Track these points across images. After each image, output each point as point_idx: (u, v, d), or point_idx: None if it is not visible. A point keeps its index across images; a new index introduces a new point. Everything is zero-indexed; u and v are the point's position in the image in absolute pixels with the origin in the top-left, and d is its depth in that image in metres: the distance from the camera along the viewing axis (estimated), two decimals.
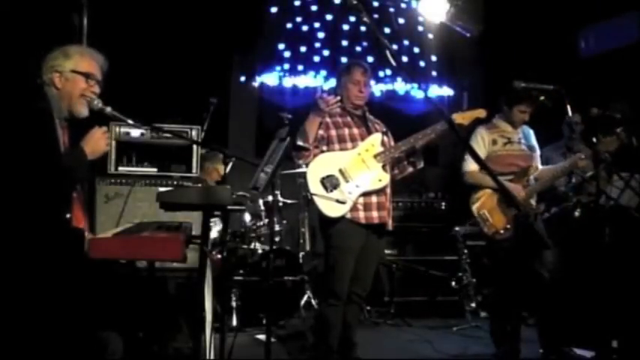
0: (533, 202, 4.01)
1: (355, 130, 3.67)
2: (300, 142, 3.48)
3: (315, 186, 3.51)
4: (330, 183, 3.50)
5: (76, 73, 2.57)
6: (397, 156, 3.67)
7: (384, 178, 3.60)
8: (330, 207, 3.47)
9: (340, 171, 3.53)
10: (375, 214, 3.58)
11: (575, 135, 4.92)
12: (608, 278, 4.10)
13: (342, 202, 3.42)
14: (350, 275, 3.57)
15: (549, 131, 4.21)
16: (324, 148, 3.62)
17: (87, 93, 2.58)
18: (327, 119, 3.62)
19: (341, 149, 3.61)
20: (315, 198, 3.49)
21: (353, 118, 3.72)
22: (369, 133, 3.69)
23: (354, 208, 3.52)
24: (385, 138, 3.74)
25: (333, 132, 3.63)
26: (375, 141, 3.66)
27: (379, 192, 3.60)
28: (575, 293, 4.38)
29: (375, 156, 3.59)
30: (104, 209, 3.88)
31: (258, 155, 3.94)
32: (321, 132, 3.59)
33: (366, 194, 3.55)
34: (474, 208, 3.94)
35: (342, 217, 3.50)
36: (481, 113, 3.75)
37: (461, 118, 3.67)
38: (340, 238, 3.54)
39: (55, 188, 2.37)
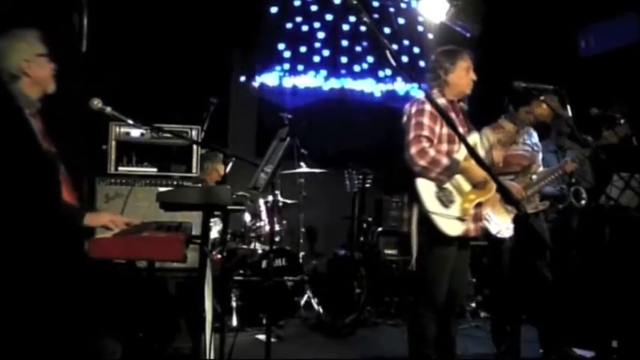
0: (537, 199, 4.02)
1: (460, 130, 3.24)
2: (435, 176, 3.12)
3: (431, 203, 3.13)
4: (446, 198, 3.15)
5: (40, 56, 2.60)
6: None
7: (493, 186, 3.23)
8: (450, 225, 3.13)
9: (453, 184, 3.19)
10: (472, 225, 3.26)
11: (565, 130, 4.94)
12: (608, 278, 4.10)
13: (463, 220, 3.15)
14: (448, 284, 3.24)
15: (537, 129, 4.21)
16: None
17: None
18: (436, 112, 3.08)
19: (448, 151, 3.21)
20: (433, 216, 3.10)
21: (458, 114, 3.32)
22: (469, 131, 3.35)
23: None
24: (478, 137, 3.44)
25: (444, 130, 3.21)
26: (475, 143, 3.33)
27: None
28: (575, 293, 4.38)
29: None
30: (104, 209, 3.88)
31: (258, 155, 3.94)
32: (437, 128, 3.19)
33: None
34: None
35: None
36: None
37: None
38: (441, 249, 3.20)
39: (42, 183, 2.32)
